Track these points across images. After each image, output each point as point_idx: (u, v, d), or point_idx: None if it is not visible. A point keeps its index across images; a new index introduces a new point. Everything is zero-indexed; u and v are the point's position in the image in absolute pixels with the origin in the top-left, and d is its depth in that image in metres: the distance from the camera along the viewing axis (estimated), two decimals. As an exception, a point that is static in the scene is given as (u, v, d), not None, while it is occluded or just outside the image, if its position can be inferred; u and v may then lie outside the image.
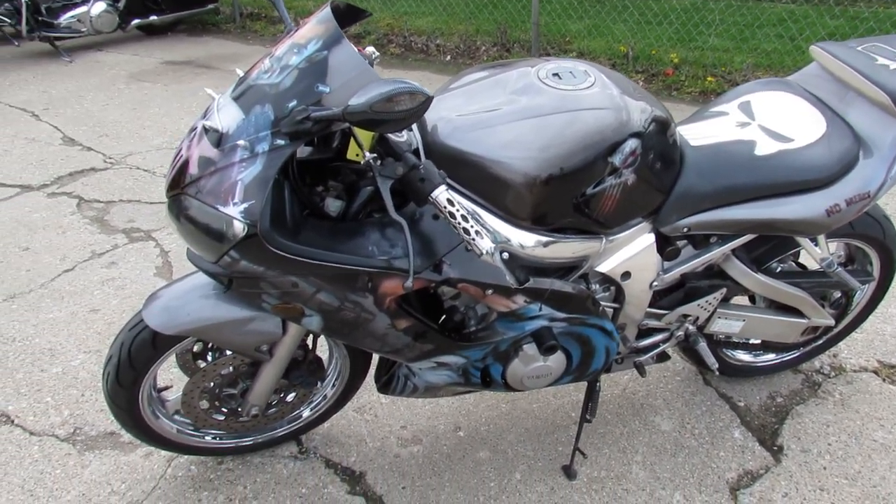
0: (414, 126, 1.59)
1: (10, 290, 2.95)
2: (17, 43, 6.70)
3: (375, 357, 1.97)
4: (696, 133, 1.82)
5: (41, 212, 3.65)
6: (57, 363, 2.52)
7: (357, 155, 1.47)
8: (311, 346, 1.92)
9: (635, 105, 1.59)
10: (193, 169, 1.40)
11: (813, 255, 1.96)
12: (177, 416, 1.96)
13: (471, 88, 1.64)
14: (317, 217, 1.52)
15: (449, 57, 6.51)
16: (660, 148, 1.61)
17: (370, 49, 1.60)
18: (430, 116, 1.59)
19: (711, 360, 2.07)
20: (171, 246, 3.30)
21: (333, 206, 1.52)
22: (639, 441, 2.18)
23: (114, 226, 3.51)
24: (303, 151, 1.52)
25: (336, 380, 2.05)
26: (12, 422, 2.25)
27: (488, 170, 1.51)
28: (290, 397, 2.01)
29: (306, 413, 2.10)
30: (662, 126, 1.62)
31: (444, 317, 1.79)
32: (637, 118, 1.57)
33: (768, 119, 1.85)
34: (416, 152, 1.53)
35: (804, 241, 1.93)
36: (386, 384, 1.87)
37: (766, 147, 1.77)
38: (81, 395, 2.36)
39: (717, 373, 2.20)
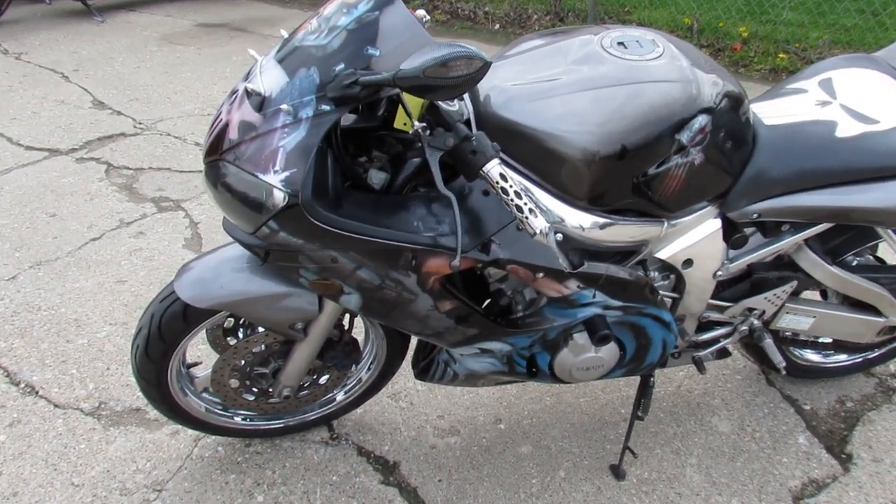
0: (465, 95, 1.58)
1: (36, 258, 3.03)
2: (48, 1, 6.84)
3: (413, 341, 1.98)
4: (771, 111, 1.78)
5: (69, 177, 3.73)
6: (83, 334, 2.59)
7: (405, 124, 1.47)
8: (347, 327, 1.94)
9: (706, 78, 1.56)
10: (233, 134, 1.41)
11: (894, 248, 1.91)
12: (205, 394, 1.99)
13: (528, 56, 1.62)
14: (359, 189, 1.53)
15: (498, 25, 6.46)
16: (731, 126, 1.58)
17: (421, 12, 1.59)
18: (483, 85, 1.57)
19: (778, 359, 2.04)
20: (201, 217, 3.35)
21: (377, 177, 1.52)
22: (694, 442, 2.16)
23: (142, 194, 3.57)
24: (347, 119, 1.52)
25: (372, 363, 2.06)
26: (37, 393, 2.32)
27: (544, 144, 1.49)
28: (323, 379, 2.03)
29: (339, 397, 2.12)
30: (735, 102, 1.59)
31: (489, 300, 1.79)
32: (708, 93, 1.54)
33: (851, 98, 1.80)
34: (467, 123, 1.52)
35: (886, 233, 1.89)
36: (424, 370, 1.88)
37: (848, 128, 1.72)
38: (107, 368, 2.42)
39: (784, 372, 2.16)
